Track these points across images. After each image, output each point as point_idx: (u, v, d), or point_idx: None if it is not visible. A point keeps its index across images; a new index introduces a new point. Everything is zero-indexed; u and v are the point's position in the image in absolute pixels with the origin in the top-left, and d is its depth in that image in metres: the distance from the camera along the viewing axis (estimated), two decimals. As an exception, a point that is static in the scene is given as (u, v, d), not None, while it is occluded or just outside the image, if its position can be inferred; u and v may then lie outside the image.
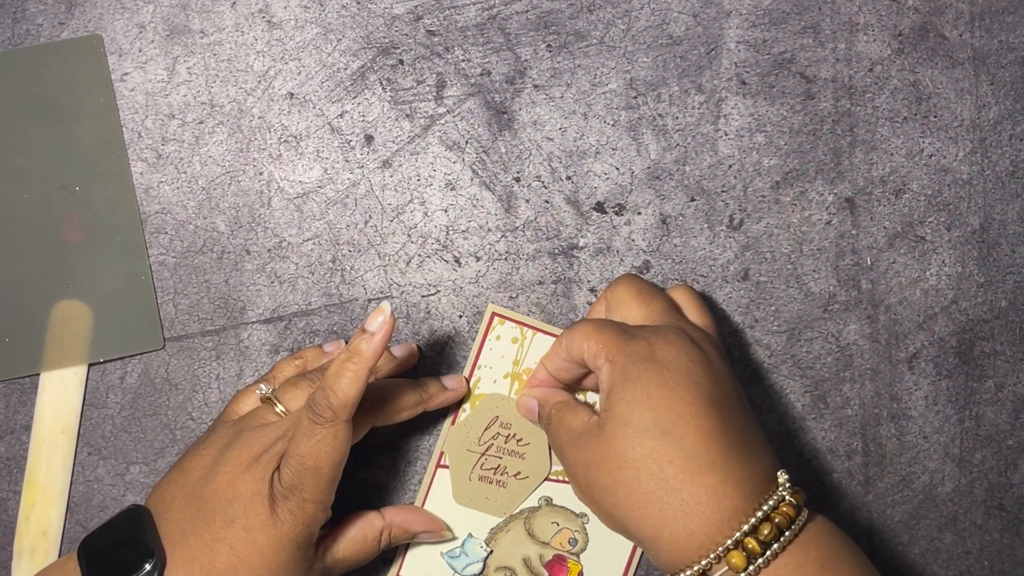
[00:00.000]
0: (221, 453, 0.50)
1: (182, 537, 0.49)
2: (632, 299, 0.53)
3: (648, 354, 0.49)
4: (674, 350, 0.49)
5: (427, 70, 0.59)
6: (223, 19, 0.59)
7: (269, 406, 0.52)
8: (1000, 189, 0.61)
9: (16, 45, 0.58)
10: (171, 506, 0.50)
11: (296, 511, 0.49)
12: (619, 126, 0.59)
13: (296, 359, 0.56)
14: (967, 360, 0.61)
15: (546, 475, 0.58)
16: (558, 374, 0.55)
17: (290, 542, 0.49)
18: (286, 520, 0.49)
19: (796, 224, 0.60)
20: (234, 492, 0.49)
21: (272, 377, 0.55)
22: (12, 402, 0.58)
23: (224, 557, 0.48)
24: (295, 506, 0.49)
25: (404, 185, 0.59)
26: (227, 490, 0.49)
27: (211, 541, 0.48)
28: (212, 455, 0.51)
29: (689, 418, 0.48)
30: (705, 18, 0.60)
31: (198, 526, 0.49)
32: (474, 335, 0.59)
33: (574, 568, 0.58)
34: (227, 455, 0.50)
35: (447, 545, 0.58)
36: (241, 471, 0.49)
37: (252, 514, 0.49)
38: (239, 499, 0.49)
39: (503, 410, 0.58)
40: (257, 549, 0.48)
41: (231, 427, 0.52)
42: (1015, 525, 0.61)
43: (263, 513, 0.49)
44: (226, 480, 0.49)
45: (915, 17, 0.60)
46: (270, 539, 0.49)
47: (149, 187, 0.58)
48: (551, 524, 0.58)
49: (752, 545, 0.46)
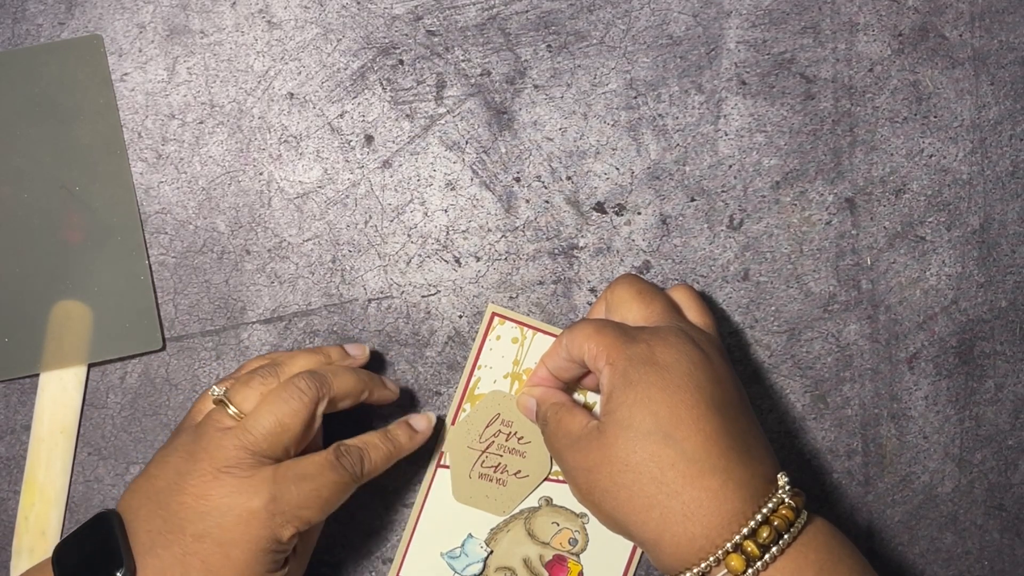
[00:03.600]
0: (184, 462, 0.49)
1: (151, 548, 0.48)
2: (632, 299, 0.53)
3: (649, 357, 0.49)
4: (675, 352, 0.49)
5: (427, 70, 0.59)
6: (223, 19, 0.59)
7: (223, 408, 0.51)
8: (1000, 189, 0.61)
9: (16, 45, 0.58)
10: (138, 514, 0.49)
11: (280, 530, 0.49)
12: (619, 126, 0.59)
13: (266, 358, 0.55)
14: (967, 360, 0.61)
15: (546, 474, 0.58)
16: (558, 373, 0.55)
17: (265, 554, 0.48)
18: (263, 537, 0.48)
19: (796, 224, 0.60)
20: (205, 505, 0.48)
21: (239, 375, 0.54)
22: (12, 402, 0.58)
23: (197, 571, 0.48)
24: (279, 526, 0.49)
25: (404, 185, 0.59)
26: (196, 503, 0.48)
27: (182, 555, 0.48)
28: (175, 463, 0.50)
29: (690, 421, 0.47)
30: (705, 18, 0.60)
31: (167, 538, 0.48)
32: (474, 335, 0.59)
33: (574, 568, 0.58)
34: (191, 465, 0.49)
35: (447, 546, 0.58)
36: (207, 483, 0.48)
37: (226, 529, 0.48)
38: (211, 513, 0.48)
39: (505, 408, 0.58)
40: (231, 563, 0.48)
41: (191, 432, 0.51)
42: (1015, 525, 0.61)
43: (238, 528, 0.48)
44: (194, 492, 0.48)
45: (915, 17, 0.60)
46: (245, 553, 0.48)
47: (149, 187, 0.58)
48: (551, 524, 0.58)
49: (751, 548, 0.46)
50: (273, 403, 0.50)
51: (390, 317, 0.59)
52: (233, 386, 0.51)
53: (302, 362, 0.53)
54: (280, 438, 0.50)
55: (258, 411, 0.50)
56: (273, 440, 0.49)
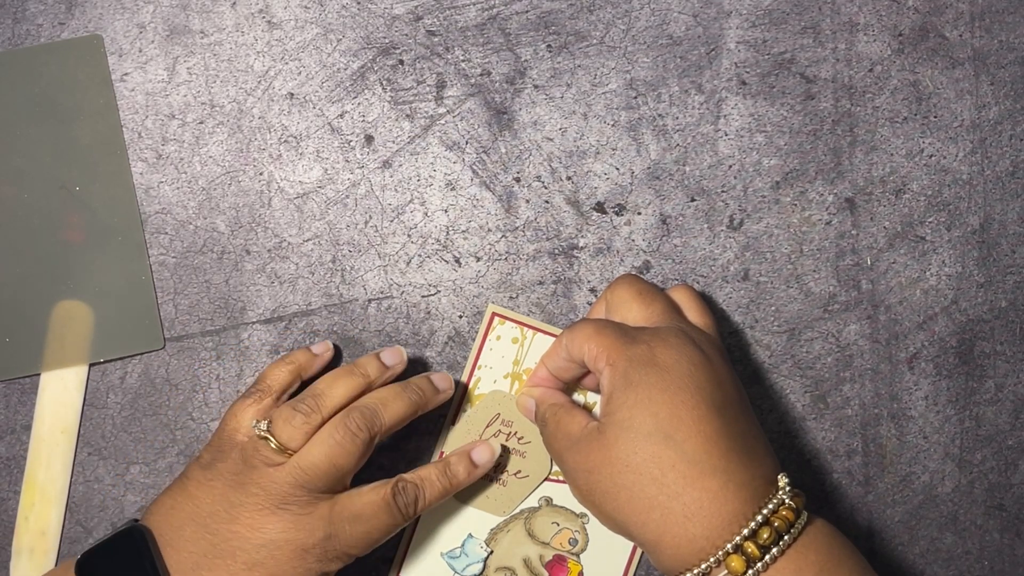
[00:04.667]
0: (233, 492, 0.50)
1: (195, 570, 0.49)
2: (632, 299, 0.53)
3: (649, 358, 0.49)
4: (675, 353, 0.49)
5: (427, 70, 0.59)
6: (223, 19, 0.59)
7: (267, 443, 0.51)
8: (1000, 189, 0.61)
9: (16, 45, 0.58)
10: (181, 534, 0.50)
11: (330, 564, 0.51)
12: (619, 126, 0.59)
13: (287, 363, 0.55)
14: (967, 360, 0.61)
15: (546, 475, 0.58)
16: (558, 373, 0.55)
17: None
18: (313, 570, 0.50)
19: (796, 224, 0.60)
20: (260, 537, 0.49)
21: (266, 386, 0.54)
22: (12, 402, 0.58)
23: None
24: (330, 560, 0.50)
25: (404, 185, 0.59)
26: (251, 533, 0.49)
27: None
28: (223, 491, 0.51)
29: (691, 423, 0.48)
30: (705, 18, 0.60)
31: (215, 562, 0.49)
32: (474, 335, 0.59)
33: (574, 568, 0.58)
34: (243, 497, 0.50)
35: (447, 546, 0.58)
36: (264, 516, 0.50)
37: (280, 561, 0.49)
38: (267, 545, 0.49)
39: (505, 408, 0.58)
40: None
41: (236, 456, 0.51)
42: (1015, 525, 0.61)
43: (292, 561, 0.49)
44: (248, 523, 0.50)
45: (915, 17, 0.60)
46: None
47: (149, 187, 0.58)
48: (551, 524, 0.58)
49: (751, 549, 0.46)
50: (325, 444, 0.50)
51: (390, 317, 0.59)
52: (275, 423, 0.51)
53: (342, 390, 0.53)
54: (334, 476, 0.50)
55: (311, 452, 0.50)
56: (328, 479, 0.50)
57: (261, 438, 0.51)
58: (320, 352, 0.56)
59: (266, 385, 0.54)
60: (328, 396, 0.52)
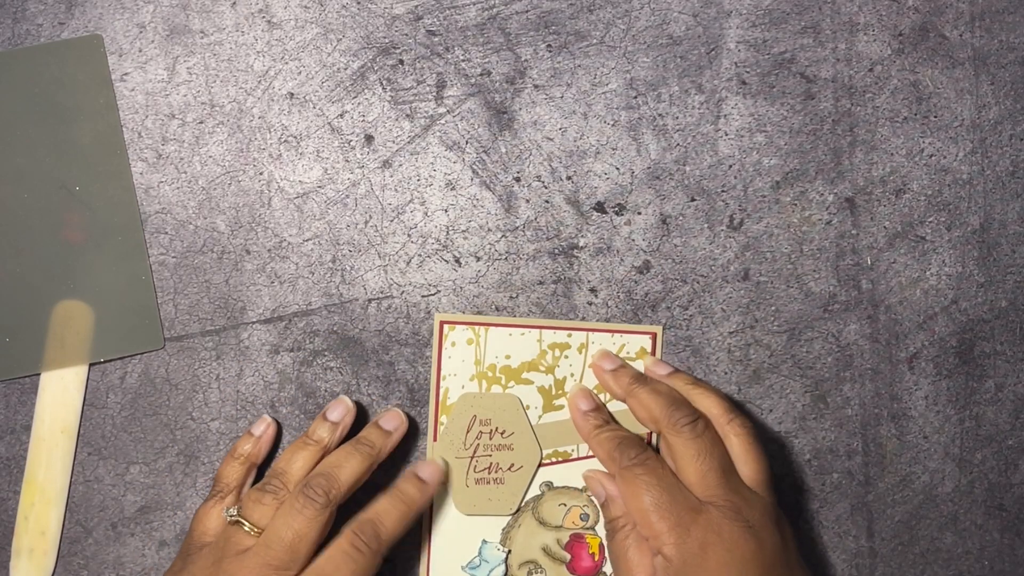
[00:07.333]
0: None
1: None
2: (691, 459, 0.53)
3: (701, 561, 0.50)
4: (725, 555, 0.50)
5: (427, 70, 0.59)
6: (223, 19, 0.59)
7: (238, 527, 0.52)
8: (1000, 189, 0.61)
9: (16, 45, 0.58)
10: None
11: None
12: (619, 126, 0.59)
13: (236, 459, 0.56)
14: (967, 360, 0.61)
15: (539, 460, 0.58)
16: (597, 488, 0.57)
17: None
18: None
19: (796, 224, 0.60)
20: None
21: (224, 486, 0.55)
22: (12, 402, 0.58)
23: None
24: None
25: (404, 185, 0.59)
26: None
27: None
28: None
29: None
30: (705, 18, 0.60)
31: None
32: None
33: (593, 541, 0.58)
34: None
35: (465, 557, 0.58)
36: None
37: None
38: None
39: (478, 407, 0.58)
40: None
41: (209, 554, 0.52)
42: (1015, 525, 0.61)
43: None
44: None
45: (915, 17, 0.60)
46: None
47: (149, 187, 0.58)
48: (558, 506, 0.58)
49: None
50: (287, 515, 0.51)
51: (390, 317, 0.59)
52: (246, 506, 0.52)
53: (300, 463, 0.54)
54: (300, 547, 0.50)
55: (275, 525, 0.51)
56: (294, 551, 0.50)
57: (234, 523, 0.52)
58: (262, 431, 0.57)
59: (224, 485, 0.55)
60: (289, 472, 0.53)
